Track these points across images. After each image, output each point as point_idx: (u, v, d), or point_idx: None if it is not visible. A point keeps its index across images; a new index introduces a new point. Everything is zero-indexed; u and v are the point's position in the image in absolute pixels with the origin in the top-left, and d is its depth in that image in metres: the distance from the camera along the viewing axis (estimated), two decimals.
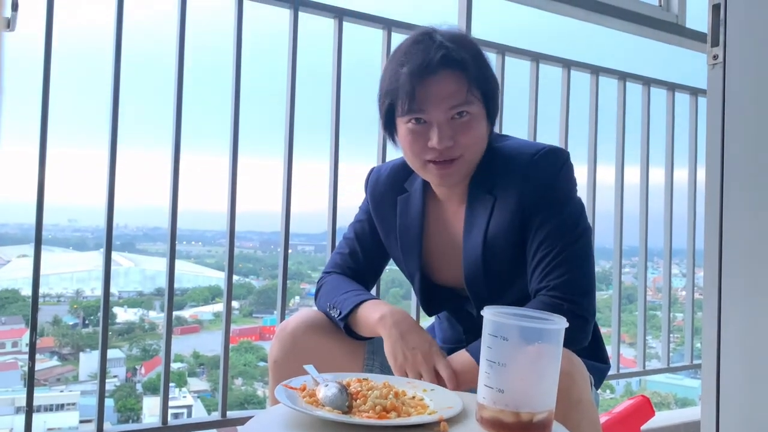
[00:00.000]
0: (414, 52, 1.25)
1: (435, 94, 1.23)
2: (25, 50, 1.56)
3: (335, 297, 1.36)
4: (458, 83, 1.24)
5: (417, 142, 1.26)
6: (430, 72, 1.22)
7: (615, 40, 2.79)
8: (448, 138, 1.24)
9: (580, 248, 1.26)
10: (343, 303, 1.33)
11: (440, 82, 1.23)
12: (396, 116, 1.29)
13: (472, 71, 1.25)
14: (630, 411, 1.77)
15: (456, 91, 1.23)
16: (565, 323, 0.91)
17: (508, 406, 0.89)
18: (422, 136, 1.25)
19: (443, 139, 1.23)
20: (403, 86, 1.23)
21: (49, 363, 9.62)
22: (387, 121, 1.32)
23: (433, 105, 1.23)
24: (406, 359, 1.20)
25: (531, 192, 1.27)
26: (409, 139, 1.27)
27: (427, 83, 1.23)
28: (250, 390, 9.28)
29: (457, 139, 1.25)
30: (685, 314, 2.91)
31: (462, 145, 1.25)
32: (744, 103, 1.19)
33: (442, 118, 1.24)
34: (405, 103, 1.24)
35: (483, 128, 1.29)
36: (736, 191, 1.20)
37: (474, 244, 1.32)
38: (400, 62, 1.26)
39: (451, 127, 1.24)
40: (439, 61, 1.22)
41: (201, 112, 14.65)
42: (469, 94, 1.24)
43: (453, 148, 1.25)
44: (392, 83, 1.26)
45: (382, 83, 1.31)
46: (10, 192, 0.84)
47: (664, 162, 2.82)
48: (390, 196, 1.45)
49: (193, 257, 11.84)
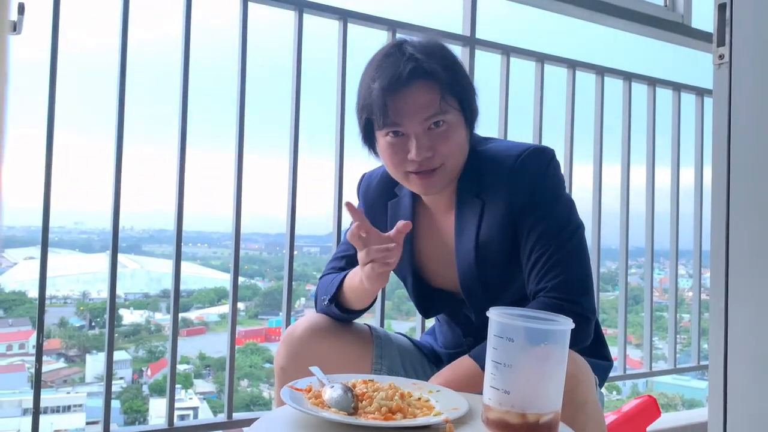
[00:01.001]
0: (384, 66, 1.25)
1: (408, 107, 1.23)
2: (31, 54, 1.57)
3: (325, 291, 1.37)
4: (431, 94, 1.23)
5: (397, 155, 1.27)
6: (401, 85, 1.22)
7: (620, 41, 2.79)
8: (426, 149, 1.24)
9: (574, 246, 1.25)
10: (329, 288, 1.35)
11: (412, 95, 1.23)
12: (374, 130, 1.29)
13: (444, 80, 1.24)
14: (636, 411, 1.77)
15: (429, 101, 1.23)
16: (572, 324, 0.90)
17: (514, 407, 0.89)
18: (401, 148, 1.26)
19: (421, 150, 1.23)
20: (376, 101, 1.24)
21: (55, 365, 9.65)
22: (366, 134, 1.33)
23: (407, 118, 1.23)
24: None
25: (519, 194, 1.27)
26: (388, 152, 1.28)
27: (400, 97, 1.23)
28: (256, 391, 9.29)
29: (435, 149, 1.25)
30: (691, 315, 2.89)
31: (441, 154, 1.25)
32: (750, 103, 1.18)
33: (418, 129, 1.24)
34: (380, 118, 1.24)
35: (462, 135, 1.29)
36: (742, 191, 1.20)
37: (466, 249, 1.32)
38: (372, 77, 1.26)
39: (429, 138, 1.24)
40: (409, 73, 1.22)
41: (206, 114, 14.64)
42: (443, 103, 1.24)
43: (432, 159, 1.25)
44: (366, 98, 1.27)
45: (358, 98, 1.31)
46: (17, 195, 0.84)
47: (670, 162, 2.81)
48: (381, 201, 1.46)
49: (199, 259, 11.86)
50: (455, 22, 2.25)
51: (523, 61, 2.40)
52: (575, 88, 2.50)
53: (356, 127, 1.35)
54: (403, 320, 6.46)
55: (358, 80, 1.33)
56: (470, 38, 2.22)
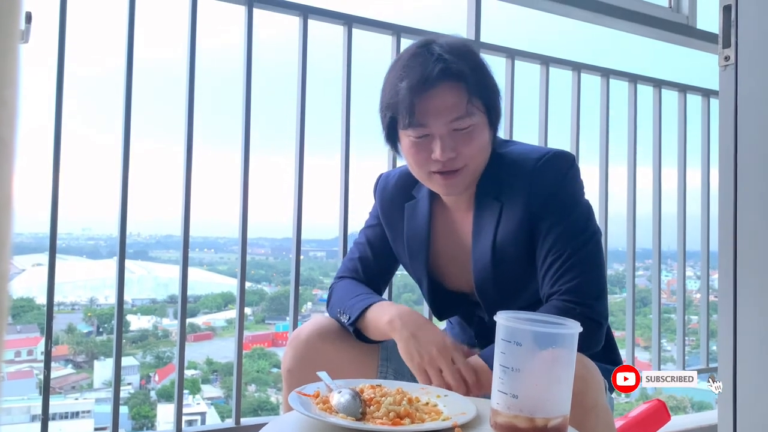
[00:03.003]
0: (412, 66, 1.24)
1: (435, 108, 1.23)
2: (38, 62, 1.58)
3: (345, 302, 1.36)
4: (458, 95, 1.23)
5: (420, 154, 1.27)
6: (429, 86, 1.22)
7: (625, 43, 2.78)
8: (450, 150, 1.24)
9: (590, 251, 1.25)
10: (352, 308, 1.33)
11: (440, 96, 1.23)
12: (398, 128, 1.29)
13: (471, 82, 1.24)
14: (645, 415, 1.76)
15: (456, 103, 1.23)
16: (579, 328, 0.90)
17: (522, 411, 0.88)
18: (425, 148, 1.26)
19: (446, 150, 1.23)
20: (403, 101, 1.23)
21: (63, 371, 9.69)
22: (389, 133, 1.32)
23: (433, 118, 1.23)
24: (422, 357, 1.19)
25: (538, 197, 1.27)
26: (412, 152, 1.28)
27: (427, 97, 1.23)
28: (263, 396, 9.30)
29: (459, 150, 1.25)
30: (700, 317, 2.88)
31: (465, 155, 1.25)
32: (757, 105, 1.18)
33: (443, 130, 1.24)
34: (406, 117, 1.24)
35: (485, 137, 1.29)
36: (749, 192, 1.19)
37: (483, 250, 1.32)
38: (399, 76, 1.26)
39: (453, 139, 1.24)
40: (437, 74, 1.22)
41: (213, 120, 14.71)
42: (470, 105, 1.24)
43: (456, 159, 1.25)
44: (392, 97, 1.27)
45: (383, 96, 1.31)
46: (25, 202, 0.85)
47: (676, 164, 2.80)
48: (398, 203, 1.46)
49: (206, 264, 11.90)
50: (460, 26, 2.26)
51: (527, 65, 2.40)
52: (581, 90, 2.50)
53: (364, 131, 1.35)
54: None
55: (365, 85, 1.33)
56: (475, 42, 2.22)
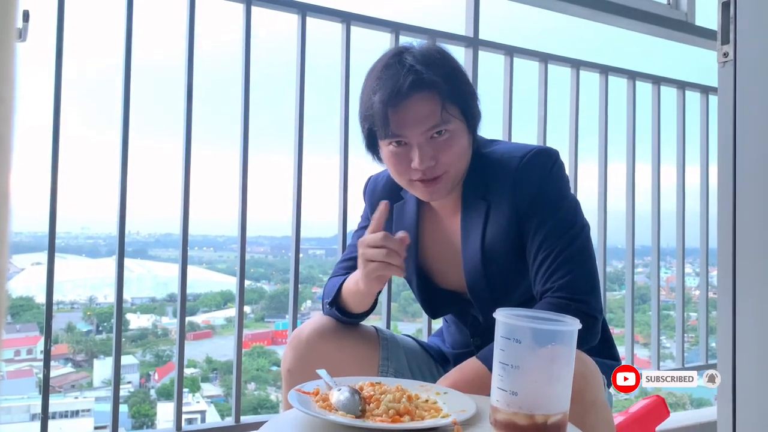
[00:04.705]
0: (384, 78, 1.24)
1: (410, 119, 1.23)
2: (36, 61, 1.57)
3: (328, 294, 1.39)
4: (431, 105, 1.23)
5: (400, 164, 1.27)
6: (401, 98, 1.22)
7: (624, 39, 2.78)
8: (429, 158, 1.24)
9: (579, 246, 1.25)
10: (332, 292, 1.37)
11: (413, 107, 1.23)
12: (378, 138, 1.30)
13: (444, 90, 1.24)
14: (645, 411, 1.76)
15: (430, 112, 1.23)
16: (579, 324, 0.90)
17: (522, 408, 0.88)
18: (404, 157, 1.26)
19: (424, 159, 1.24)
20: (378, 113, 1.24)
21: (63, 370, 9.70)
22: (369, 142, 1.33)
23: (409, 129, 1.24)
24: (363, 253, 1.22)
25: (524, 195, 1.27)
26: (392, 161, 1.29)
27: (401, 109, 1.23)
28: (263, 394, 9.31)
29: (438, 157, 1.25)
30: (699, 314, 2.88)
31: (444, 163, 1.26)
32: (756, 101, 1.18)
33: (420, 139, 1.24)
34: (382, 129, 1.25)
35: (464, 142, 1.29)
36: (749, 189, 1.19)
37: (473, 251, 1.33)
38: (373, 89, 1.26)
39: (432, 147, 1.24)
40: (408, 86, 1.21)
41: (211, 118, 14.70)
42: (445, 113, 1.24)
43: (436, 167, 1.25)
44: (368, 110, 1.27)
45: (360, 108, 1.32)
46: (24, 201, 0.84)
47: (675, 161, 2.80)
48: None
49: (205, 263, 11.91)
50: (458, 24, 2.25)
51: (526, 62, 2.39)
52: (579, 87, 2.50)
53: (360, 132, 1.35)
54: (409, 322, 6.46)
55: (360, 86, 1.33)
56: (473, 39, 2.22)
